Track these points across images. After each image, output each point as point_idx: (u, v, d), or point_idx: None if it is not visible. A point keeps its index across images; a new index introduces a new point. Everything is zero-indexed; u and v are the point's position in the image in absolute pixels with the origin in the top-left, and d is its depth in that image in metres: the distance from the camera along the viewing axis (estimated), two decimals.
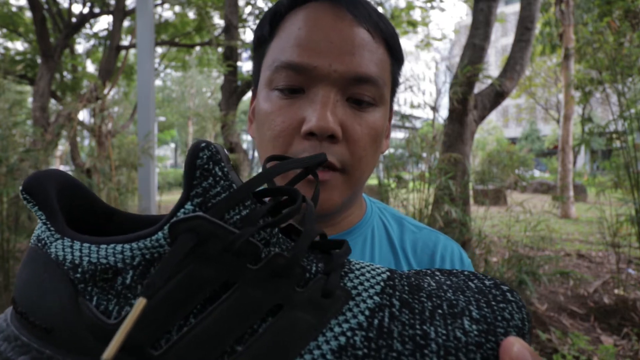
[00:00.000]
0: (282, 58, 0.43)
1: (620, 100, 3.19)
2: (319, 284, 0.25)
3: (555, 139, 23.17)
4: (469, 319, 0.24)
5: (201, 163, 0.23)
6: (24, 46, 9.04)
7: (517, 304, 0.26)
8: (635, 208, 2.88)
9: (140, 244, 0.23)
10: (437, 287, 0.27)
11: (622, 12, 5.95)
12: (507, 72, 3.54)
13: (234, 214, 0.24)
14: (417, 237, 0.56)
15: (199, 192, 0.23)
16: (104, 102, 3.52)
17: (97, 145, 3.34)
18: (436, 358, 0.23)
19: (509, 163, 4.45)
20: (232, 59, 5.34)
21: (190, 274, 0.22)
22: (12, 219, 2.97)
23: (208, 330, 0.22)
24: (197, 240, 0.22)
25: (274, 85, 0.44)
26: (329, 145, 0.42)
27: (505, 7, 32.36)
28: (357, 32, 0.43)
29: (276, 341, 0.23)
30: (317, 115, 0.40)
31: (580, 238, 5.81)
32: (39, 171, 0.26)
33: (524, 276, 2.54)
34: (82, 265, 0.23)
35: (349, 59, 0.42)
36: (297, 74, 0.42)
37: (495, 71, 26.54)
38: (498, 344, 0.24)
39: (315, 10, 0.44)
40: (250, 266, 0.23)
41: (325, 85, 0.42)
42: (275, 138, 0.43)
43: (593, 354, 2.25)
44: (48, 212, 0.25)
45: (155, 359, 0.22)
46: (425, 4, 7.46)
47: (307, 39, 0.42)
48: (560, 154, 7.91)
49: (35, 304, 0.24)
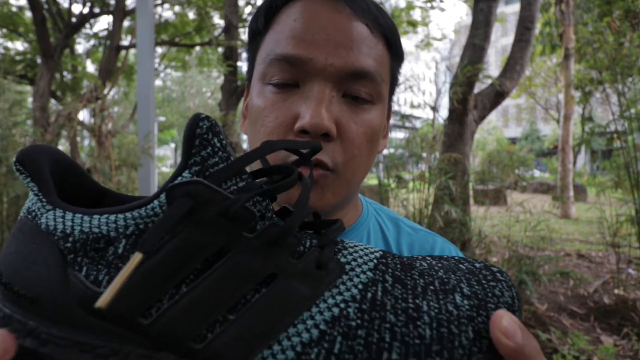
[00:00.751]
0: (276, 50, 0.41)
1: (620, 100, 3.19)
2: (313, 256, 0.25)
3: (555, 139, 23.16)
4: (460, 294, 0.25)
5: (201, 132, 0.23)
6: (24, 46, 9.04)
7: (507, 283, 0.27)
8: (635, 208, 2.87)
9: (135, 213, 0.23)
10: (428, 267, 0.27)
11: (622, 12, 5.95)
12: (507, 72, 3.54)
13: (231, 185, 0.24)
14: (413, 239, 0.55)
15: (197, 160, 0.23)
16: (104, 102, 3.52)
17: (97, 145, 3.34)
18: (429, 329, 0.23)
19: (509, 163, 4.45)
20: (232, 59, 5.34)
21: (186, 238, 0.22)
22: (12, 219, 2.97)
23: (200, 297, 0.22)
24: (194, 205, 0.22)
25: (268, 79, 0.42)
26: (322, 144, 0.40)
27: (505, 7, 32.35)
28: (355, 26, 0.42)
29: (269, 310, 0.23)
30: (311, 112, 0.39)
31: (580, 238, 5.81)
32: (33, 145, 0.25)
33: (524, 276, 2.54)
34: (73, 235, 0.23)
35: (346, 52, 0.40)
36: (292, 66, 0.41)
37: (495, 71, 26.55)
38: (489, 317, 0.24)
39: (312, 2, 0.42)
40: (245, 234, 0.23)
41: (320, 80, 0.40)
42: (268, 135, 0.41)
43: (593, 354, 2.25)
44: (40, 184, 0.25)
45: (144, 328, 0.22)
46: (425, 4, 7.46)
47: (303, 31, 0.41)
48: (560, 154, 7.91)
49: (21, 274, 0.23)
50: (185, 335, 0.22)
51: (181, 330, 0.22)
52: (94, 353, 0.22)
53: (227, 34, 5.46)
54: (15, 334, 0.22)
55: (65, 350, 0.22)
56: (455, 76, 3.19)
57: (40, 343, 0.22)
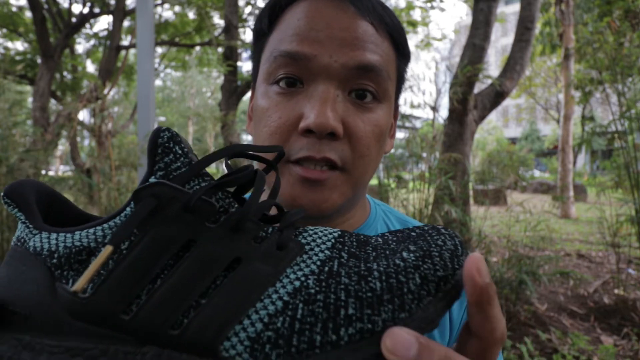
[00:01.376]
0: (280, 48, 0.41)
1: (620, 100, 3.19)
2: (274, 239, 0.27)
3: (555, 139, 23.17)
4: (407, 251, 0.27)
5: (162, 142, 0.26)
6: (24, 46, 9.04)
7: (450, 234, 0.29)
8: (635, 208, 2.87)
9: (111, 222, 0.25)
10: (383, 242, 0.30)
11: (622, 12, 5.95)
12: (507, 72, 3.54)
13: (194, 185, 0.26)
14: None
15: (161, 166, 0.26)
16: (104, 102, 3.52)
17: (97, 145, 3.34)
18: (379, 282, 0.25)
19: (509, 163, 4.45)
20: (232, 59, 5.33)
21: (155, 235, 0.24)
22: (12, 219, 2.97)
23: (174, 287, 0.24)
24: (158, 203, 0.24)
25: (272, 79, 0.42)
26: (328, 142, 0.39)
27: (505, 7, 32.34)
28: (360, 25, 0.41)
29: (237, 290, 0.25)
30: (315, 112, 0.38)
31: (580, 238, 5.81)
32: (18, 180, 0.28)
33: (524, 276, 2.54)
34: (57, 251, 0.25)
35: (351, 50, 0.40)
36: (296, 64, 0.40)
37: (495, 71, 26.55)
38: (434, 264, 0.26)
39: (316, 2, 0.42)
40: (208, 224, 0.25)
41: (325, 79, 0.40)
42: (271, 135, 0.41)
43: (593, 354, 2.25)
44: (27, 213, 0.27)
45: (126, 323, 0.24)
46: (425, 4, 7.46)
47: (307, 28, 0.40)
48: (560, 154, 7.91)
49: (15, 295, 0.25)
50: (163, 324, 0.24)
51: (159, 320, 0.24)
52: (84, 356, 0.23)
53: (227, 34, 5.46)
54: (13, 350, 0.24)
55: (58, 357, 0.24)
56: (455, 76, 3.19)
57: (35, 354, 0.24)
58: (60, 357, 0.24)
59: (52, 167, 9.12)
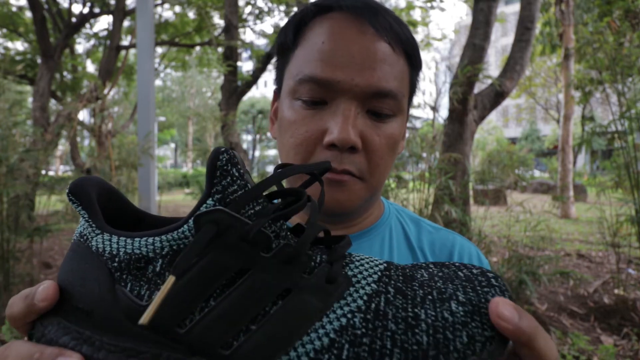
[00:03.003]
0: (305, 71, 0.45)
1: (620, 100, 3.19)
2: (323, 271, 0.28)
3: (555, 139, 23.16)
4: (456, 302, 0.27)
5: (221, 164, 0.27)
6: (24, 46, 9.04)
7: (500, 287, 0.29)
8: (635, 208, 2.87)
9: (169, 236, 0.27)
10: (429, 278, 0.30)
11: (622, 12, 5.95)
12: (507, 72, 3.54)
13: (249, 209, 0.27)
14: (434, 238, 0.58)
15: (218, 189, 0.27)
16: (104, 102, 3.52)
17: (97, 145, 3.34)
18: (425, 336, 0.26)
19: (509, 163, 4.45)
20: (232, 59, 5.33)
21: (212, 260, 0.26)
22: (12, 219, 2.97)
23: (226, 311, 0.26)
24: (218, 230, 0.25)
25: (297, 96, 0.46)
26: (348, 155, 0.45)
27: (505, 7, 32.34)
28: (378, 47, 0.45)
29: (286, 321, 0.26)
30: (339, 128, 0.43)
31: (580, 238, 5.81)
32: (83, 177, 0.30)
33: (524, 276, 2.54)
34: (118, 256, 0.27)
35: (370, 73, 0.44)
36: (320, 87, 0.44)
37: (495, 71, 26.55)
38: (482, 322, 0.26)
39: (338, 22, 0.46)
40: (262, 254, 0.27)
41: (347, 99, 0.44)
42: (298, 146, 0.46)
43: (593, 354, 2.25)
44: (90, 211, 0.29)
45: (180, 336, 0.26)
46: (425, 4, 7.46)
47: (330, 54, 0.44)
48: (560, 154, 7.91)
49: (78, 291, 0.28)
50: (214, 342, 0.25)
51: (211, 339, 0.25)
52: (139, 357, 0.25)
53: (227, 34, 5.45)
54: (74, 342, 0.26)
55: (115, 356, 0.26)
56: (455, 76, 3.19)
57: (94, 349, 0.26)
58: (117, 356, 0.26)
59: (52, 167, 9.12)
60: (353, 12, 0.46)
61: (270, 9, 8.00)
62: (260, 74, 5.72)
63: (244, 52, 6.80)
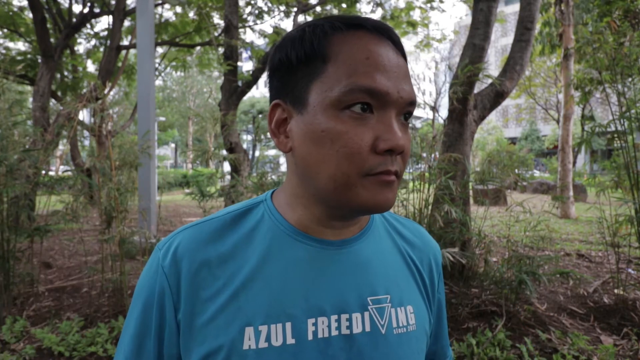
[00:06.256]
0: (357, 82, 0.47)
1: (620, 100, 3.19)
2: None
3: (555, 139, 23.14)
4: None
5: None
6: (25, 46, 9.04)
7: None
8: (635, 208, 2.87)
9: None
10: None
11: (622, 12, 5.95)
12: (507, 72, 3.54)
13: None
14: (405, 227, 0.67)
15: None
16: (104, 102, 3.52)
17: (97, 145, 3.33)
18: None
19: (509, 163, 4.45)
20: (232, 58, 5.33)
21: None
22: (12, 219, 2.97)
23: None
24: None
25: (344, 106, 0.48)
26: (395, 158, 0.50)
27: (505, 7, 32.32)
28: (400, 60, 0.51)
29: None
30: (394, 136, 0.48)
31: (580, 238, 5.81)
32: None
33: (523, 276, 2.54)
34: None
35: (406, 86, 0.50)
36: (371, 97, 0.48)
37: (495, 71, 26.52)
38: None
39: (373, 40, 0.50)
40: None
41: (393, 108, 0.49)
42: (352, 154, 0.48)
43: (593, 353, 2.25)
44: None
45: None
46: (425, 4, 7.45)
47: (378, 66, 0.48)
48: (560, 154, 7.91)
49: None
50: None
51: None
52: None
53: (227, 34, 5.45)
54: None
55: None
56: (456, 76, 3.19)
57: None
58: None
59: (52, 167, 9.12)
60: (379, 31, 0.51)
61: (270, 9, 8.00)
62: (260, 74, 5.71)
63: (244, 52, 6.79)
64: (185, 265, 0.50)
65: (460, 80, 3.08)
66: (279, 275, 0.51)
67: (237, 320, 0.48)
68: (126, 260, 3.38)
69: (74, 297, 3.20)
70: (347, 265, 0.54)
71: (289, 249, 0.52)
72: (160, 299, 0.50)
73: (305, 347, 0.48)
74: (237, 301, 0.49)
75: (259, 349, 0.47)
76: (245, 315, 0.48)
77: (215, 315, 0.48)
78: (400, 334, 0.53)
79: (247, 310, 0.48)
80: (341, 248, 0.54)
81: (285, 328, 0.48)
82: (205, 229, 0.53)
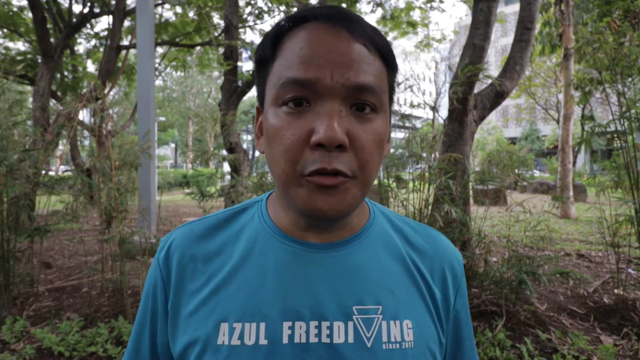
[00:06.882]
0: (287, 75, 0.46)
1: (620, 100, 3.19)
2: None
3: (555, 139, 23.14)
4: None
5: None
6: (25, 46, 9.03)
7: None
8: (635, 208, 2.87)
9: None
10: None
11: (622, 12, 5.95)
12: (507, 72, 3.54)
13: None
14: (416, 232, 0.60)
15: None
16: (104, 102, 3.52)
17: (97, 145, 3.33)
18: None
19: (509, 163, 4.45)
20: (232, 58, 5.33)
21: None
22: (12, 219, 2.97)
23: None
24: None
25: (281, 101, 0.47)
26: (337, 154, 0.44)
27: (505, 7, 32.32)
28: (354, 48, 0.46)
29: None
30: (324, 127, 0.43)
31: (580, 238, 5.81)
32: None
33: (523, 276, 2.54)
34: None
35: (348, 71, 0.45)
36: (303, 88, 0.45)
37: (495, 71, 26.50)
38: None
39: (315, 29, 0.47)
40: None
41: (329, 98, 0.45)
42: (286, 151, 0.45)
43: (593, 353, 2.25)
44: None
45: None
46: (425, 4, 7.45)
47: (310, 55, 0.46)
48: (560, 154, 7.91)
49: None
50: None
51: None
52: None
53: (227, 34, 5.45)
54: None
55: None
56: (456, 76, 3.19)
57: None
58: None
59: (52, 167, 9.12)
60: (327, 20, 0.47)
61: (270, 9, 8.00)
62: None
63: (244, 52, 6.79)
64: (176, 259, 0.53)
65: (460, 80, 3.08)
66: (257, 275, 0.50)
67: (214, 315, 0.49)
68: (126, 260, 3.38)
69: (74, 297, 3.20)
70: (330, 270, 0.50)
71: (271, 250, 0.52)
72: (154, 290, 0.54)
73: (279, 351, 0.46)
74: (216, 296, 0.50)
75: (232, 346, 0.47)
76: (222, 311, 0.49)
77: (197, 308, 0.50)
78: (391, 350, 0.48)
79: (224, 306, 0.49)
80: (325, 252, 0.51)
81: (259, 328, 0.47)
82: (199, 226, 0.55)
